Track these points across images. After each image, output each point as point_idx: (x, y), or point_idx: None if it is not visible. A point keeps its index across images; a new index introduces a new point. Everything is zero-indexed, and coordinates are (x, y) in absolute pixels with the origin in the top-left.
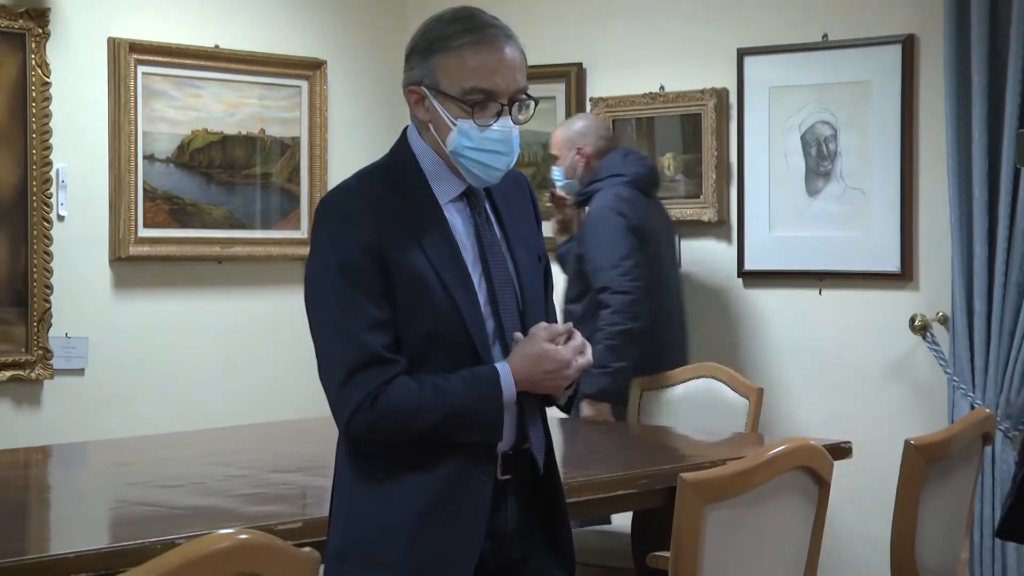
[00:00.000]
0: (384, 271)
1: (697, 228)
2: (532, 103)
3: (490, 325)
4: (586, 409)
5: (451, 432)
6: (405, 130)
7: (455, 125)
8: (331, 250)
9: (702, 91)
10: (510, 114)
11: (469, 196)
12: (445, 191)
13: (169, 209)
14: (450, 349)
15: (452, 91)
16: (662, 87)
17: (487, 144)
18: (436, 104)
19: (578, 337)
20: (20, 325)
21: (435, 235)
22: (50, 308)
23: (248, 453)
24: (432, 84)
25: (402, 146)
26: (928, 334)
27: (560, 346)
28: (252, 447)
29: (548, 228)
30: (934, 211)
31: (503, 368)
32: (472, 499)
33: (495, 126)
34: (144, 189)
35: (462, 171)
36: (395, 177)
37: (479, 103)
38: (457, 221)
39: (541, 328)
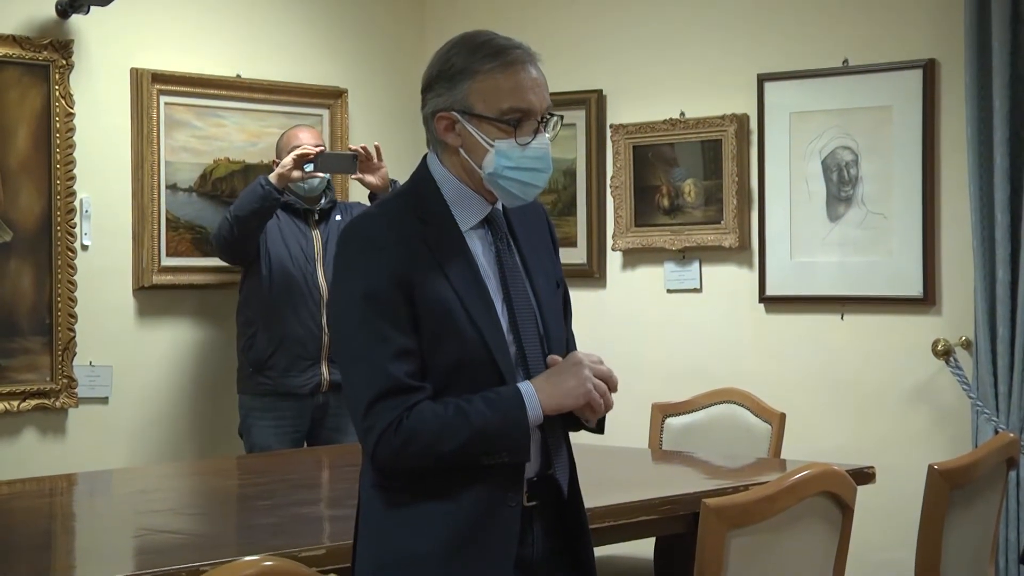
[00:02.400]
0: (409, 298)
1: (718, 254)
2: (559, 120)
3: (512, 351)
4: None
5: (477, 453)
6: (425, 158)
7: (493, 147)
8: (356, 279)
9: (722, 117)
10: (545, 131)
11: (490, 222)
12: (467, 217)
13: (192, 238)
14: (475, 376)
15: (489, 113)
16: (682, 113)
17: (526, 163)
18: (470, 128)
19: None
20: (45, 354)
21: (458, 262)
22: (74, 337)
23: (272, 480)
24: (465, 108)
25: (423, 173)
26: (951, 359)
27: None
28: (276, 474)
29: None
30: (956, 236)
31: (526, 387)
32: (500, 526)
33: (533, 144)
34: (167, 218)
35: (498, 192)
36: (417, 204)
37: (518, 122)
38: (478, 247)
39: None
